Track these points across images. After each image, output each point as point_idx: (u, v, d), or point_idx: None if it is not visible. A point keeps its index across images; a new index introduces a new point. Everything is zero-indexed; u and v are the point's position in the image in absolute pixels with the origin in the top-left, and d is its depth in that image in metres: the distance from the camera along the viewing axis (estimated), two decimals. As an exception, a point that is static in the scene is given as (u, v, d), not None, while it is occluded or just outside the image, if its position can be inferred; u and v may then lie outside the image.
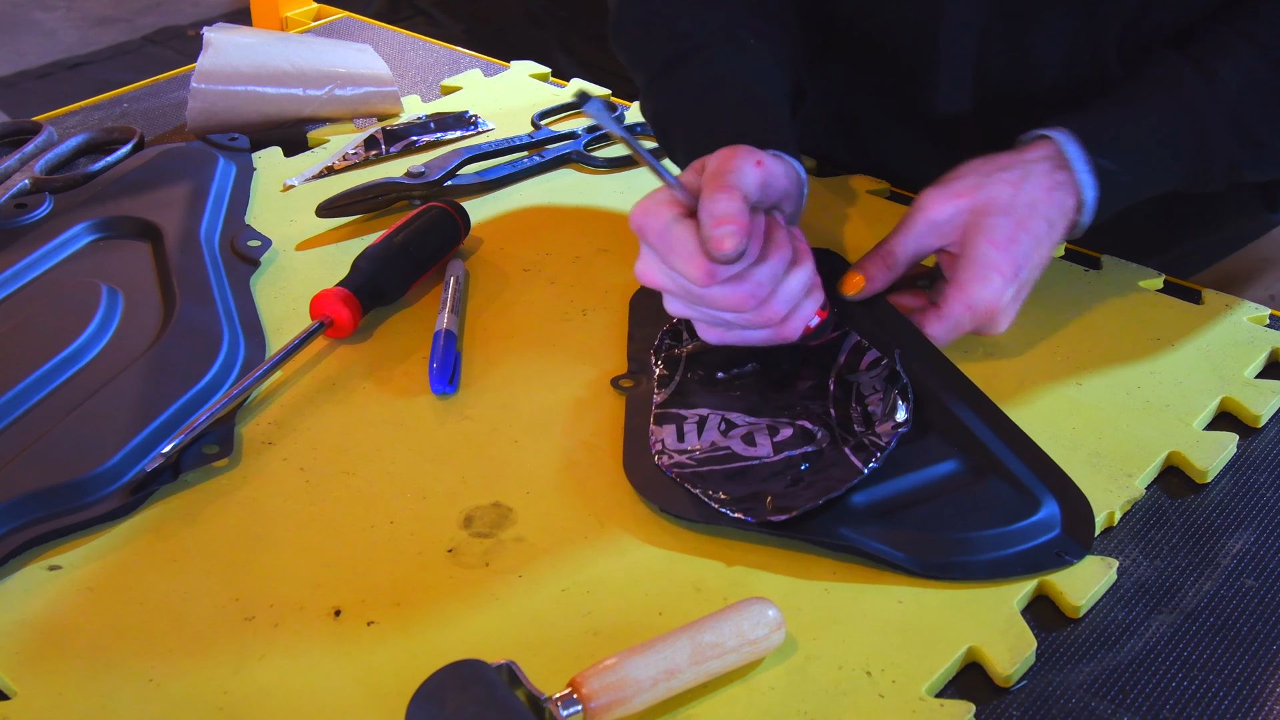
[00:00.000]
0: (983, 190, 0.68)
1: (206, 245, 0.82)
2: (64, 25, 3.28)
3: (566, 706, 0.50)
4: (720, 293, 0.62)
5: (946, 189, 0.69)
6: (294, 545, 0.61)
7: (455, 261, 0.82)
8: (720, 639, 0.52)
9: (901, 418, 0.63)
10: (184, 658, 0.55)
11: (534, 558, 0.60)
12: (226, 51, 0.98)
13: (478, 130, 0.99)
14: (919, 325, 0.69)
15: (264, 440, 0.68)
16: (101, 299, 0.75)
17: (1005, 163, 0.69)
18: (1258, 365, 0.73)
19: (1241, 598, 0.59)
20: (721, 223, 0.60)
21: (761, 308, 0.63)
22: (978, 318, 0.68)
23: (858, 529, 0.59)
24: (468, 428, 0.68)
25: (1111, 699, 0.54)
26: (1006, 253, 0.67)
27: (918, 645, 0.55)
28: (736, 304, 0.63)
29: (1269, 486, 0.65)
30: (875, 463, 0.61)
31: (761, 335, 0.66)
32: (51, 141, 0.96)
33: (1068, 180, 0.69)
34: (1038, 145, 0.70)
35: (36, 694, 0.53)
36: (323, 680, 0.54)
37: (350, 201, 0.87)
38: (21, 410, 0.67)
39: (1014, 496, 0.61)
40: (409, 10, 2.44)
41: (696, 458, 0.64)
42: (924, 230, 0.69)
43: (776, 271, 0.63)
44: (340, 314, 0.74)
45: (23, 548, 0.60)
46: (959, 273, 0.68)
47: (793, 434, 0.65)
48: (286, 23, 1.39)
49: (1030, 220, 0.67)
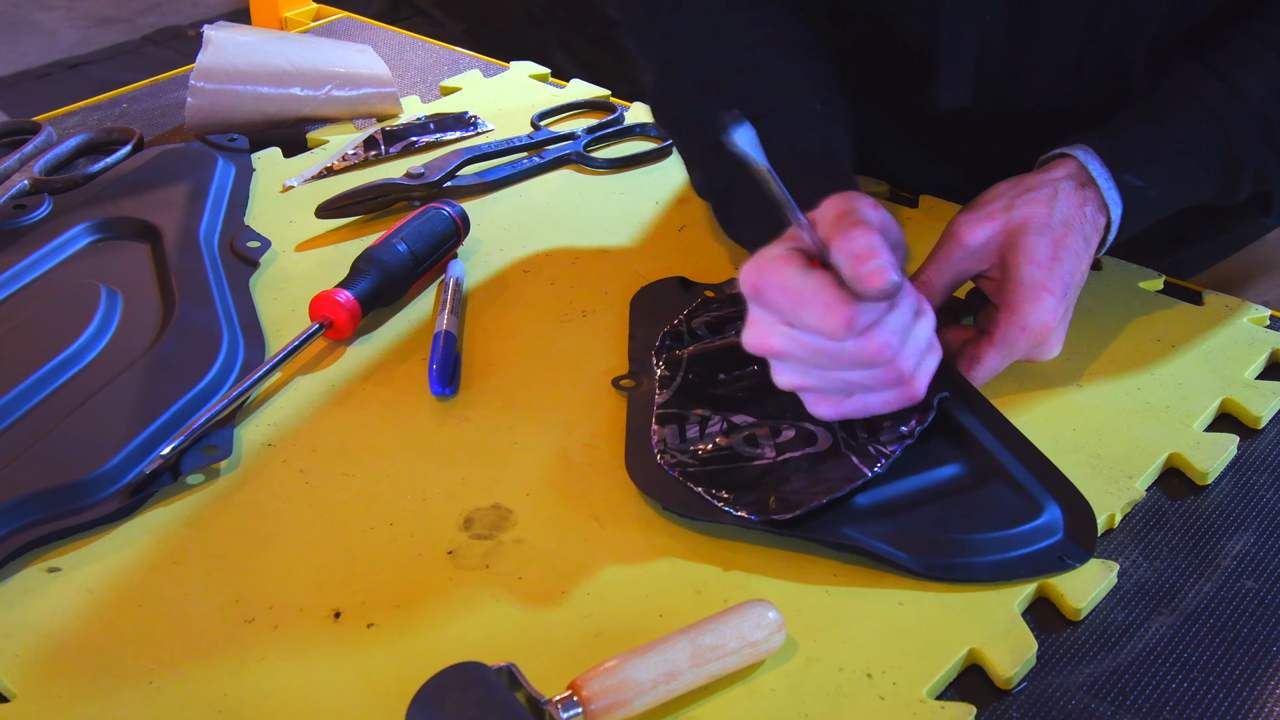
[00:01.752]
0: (1015, 210, 0.66)
1: (206, 246, 0.82)
2: (64, 25, 3.28)
3: (567, 709, 0.50)
4: (855, 346, 0.58)
5: (978, 213, 0.67)
6: (294, 547, 0.61)
7: (455, 262, 0.82)
8: (721, 641, 0.52)
9: (906, 430, 0.63)
10: (184, 660, 0.55)
11: (534, 560, 0.60)
12: (226, 50, 0.98)
13: (477, 131, 0.99)
14: (973, 357, 0.67)
15: (263, 442, 0.68)
16: (101, 300, 0.74)
17: (1033, 183, 0.68)
18: (1258, 366, 0.73)
19: (1242, 599, 0.59)
20: (867, 258, 0.57)
21: (896, 359, 0.60)
22: (1032, 340, 0.66)
23: (861, 529, 0.59)
24: (467, 429, 0.68)
25: (1112, 700, 0.54)
26: (1051, 271, 0.65)
27: (918, 647, 0.55)
28: (872, 356, 0.59)
29: (1269, 488, 0.65)
30: (880, 467, 0.61)
31: (884, 399, 0.62)
32: (51, 142, 0.96)
33: (1095, 197, 0.68)
34: (1060, 164, 0.69)
35: (36, 696, 0.53)
36: (323, 682, 0.54)
37: (350, 202, 0.87)
38: (21, 412, 0.67)
39: (1017, 500, 0.61)
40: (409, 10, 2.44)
41: (699, 458, 0.64)
42: (960, 257, 0.67)
43: (906, 321, 0.60)
44: (340, 315, 0.74)
45: (22, 550, 0.60)
46: (1008, 296, 0.66)
47: (795, 435, 0.65)
48: (286, 23, 1.39)
49: (1068, 237, 0.66)
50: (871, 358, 0.59)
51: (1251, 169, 0.72)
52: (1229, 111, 0.70)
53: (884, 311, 0.59)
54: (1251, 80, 0.70)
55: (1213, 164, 0.71)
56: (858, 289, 0.57)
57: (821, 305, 0.58)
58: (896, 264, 0.58)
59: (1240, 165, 0.71)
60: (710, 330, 0.73)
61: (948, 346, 0.69)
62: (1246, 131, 0.70)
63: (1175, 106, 0.71)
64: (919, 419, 0.63)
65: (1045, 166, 0.70)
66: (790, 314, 0.59)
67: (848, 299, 0.57)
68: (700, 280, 0.80)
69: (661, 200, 0.90)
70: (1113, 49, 0.78)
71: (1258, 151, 0.71)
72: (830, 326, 0.58)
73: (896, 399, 0.62)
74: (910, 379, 0.61)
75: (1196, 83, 0.71)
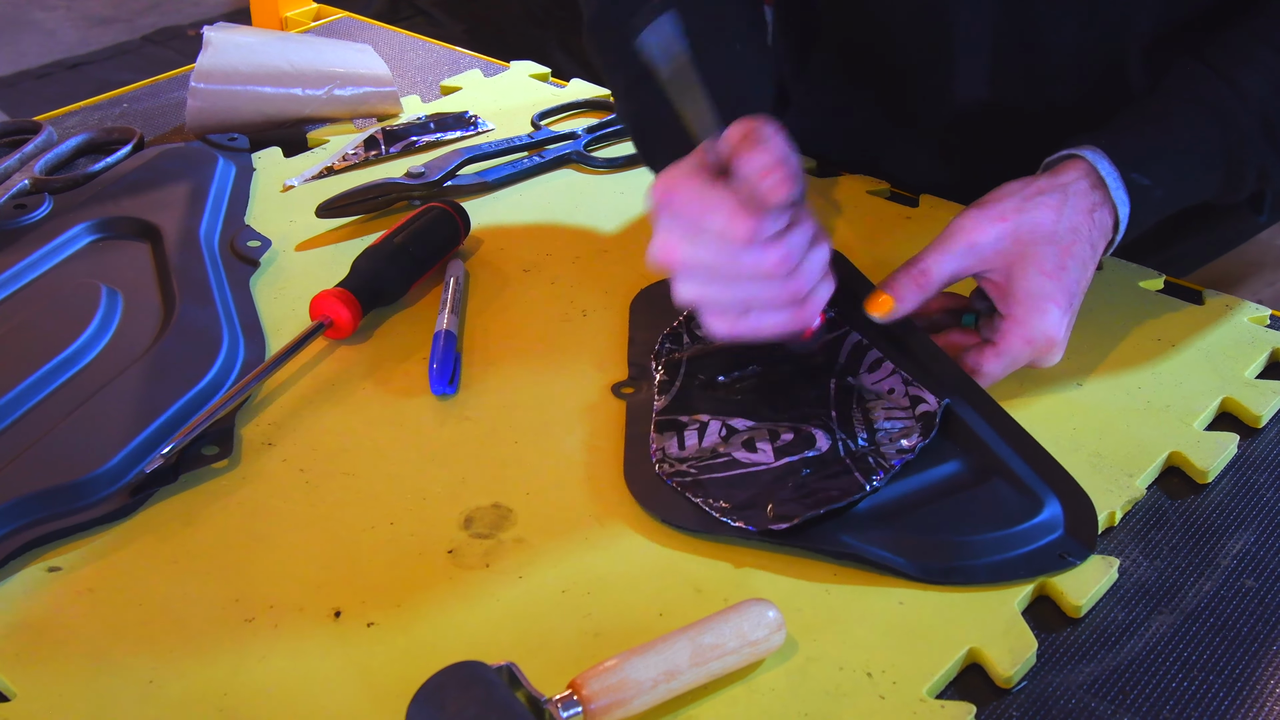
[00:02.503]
0: (1025, 215, 0.66)
1: (206, 246, 0.82)
2: (64, 25, 3.28)
3: (567, 708, 0.50)
4: (754, 257, 0.60)
5: (987, 211, 0.67)
6: (294, 546, 0.61)
7: (455, 262, 0.82)
8: (720, 640, 0.52)
9: (908, 445, 0.63)
10: (184, 659, 0.55)
11: (534, 559, 0.60)
12: (226, 51, 0.98)
13: (477, 130, 0.99)
14: (974, 364, 0.67)
15: (264, 441, 0.68)
16: (101, 300, 0.74)
17: (1043, 187, 0.67)
18: (1258, 365, 0.73)
19: (1242, 598, 0.59)
20: (770, 173, 0.59)
21: (789, 279, 0.62)
22: (1036, 351, 0.66)
23: (859, 535, 0.59)
24: (468, 428, 0.68)
25: (1112, 699, 0.54)
26: (1058, 282, 0.65)
27: (918, 646, 0.55)
28: (770, 268, 0.61)
29: (1269, 487, 0.65)
30: (879, 480, 0.61)
31: (778, 320, 0.63)
32: (51, 142, 0.96)
33: (1104, 200, 0.68)
34: (1069, 166, 0.69)
35: (36, 695, 0.53)
36: (323, 681, 0.54)
37: (350, 202, 0.87)
38: (21, 412, 0.67)
39: (1017, 498, 0.61)
40: (409, 10, 2.44)
41: (697, 465, 0.64)
42: (963, 252, 0.67)
43: (803, 242, 0.62)
44: (340, 314, 0.74)
45: (22, 549, 0.60)
46: (1013, 307, 0.66)
47: (793, 438, 0.65)
48: (286, 23, 1.39)
49: (1075, 246, 0.66)
50: (770, 269, 0.61)
51: (1254, 167, 0.72)
52: (1230, 110, 0.70)
53: (784, 230, 0.61)
54: (1252, 79, 0.70)
55: (1215, 163, 0.71)
56: (759, 198, 0.59)
57: (727, 213, 0.60)
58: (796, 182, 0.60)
59: (1242, 164, 0.71)
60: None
61: (950, 350, 0.69)
62: (1248, 130, 0.70)
63: (1176, 105, 0.71)
64: (921, 434, 0.63)
65: (1054, 169, 0.69)
66: (696, 222, 0.61)
67: (751, 210, 0.60)
68: (700, 280, 0.79)
69: (661, 200, 0.90)
70: (1109, 45, 0.78)
71: (1259, 150, 0.71)
72: (733, 234, 0.60)
73: (790, 320, 0.63)
74: (804, 300, 0.63)
75: (1196, 81, 0.71)
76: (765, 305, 0.63)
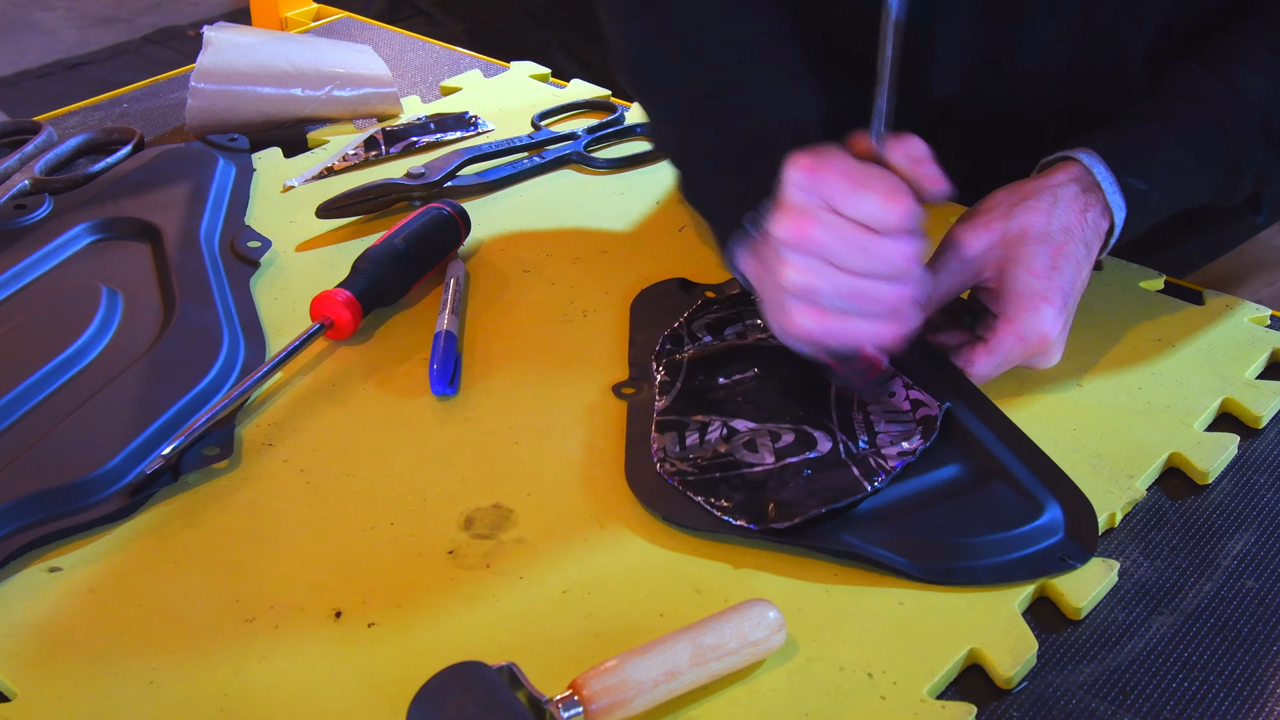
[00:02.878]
0: (1013, 219, 0.66)
1: (206, 246, 0.82)
2: (64, 25, 3.28)
3: (567, 708, 0.50)
4: (889, 246, 0.59)
5: (975, 221, 0.67)
6: (294, 547, 0.61)
7: (455, 262, 0.82)
8: (721, 640, 0.52)
9: (910, 447, 0.63)
10: (184, 659, 0.55)
11: (535, 559, 0.60)
12: (226, 51, 0.98)
13: (478, 131, 0.99)
14: (965, 361, 0.67)
15: (264, 442, 0.68)
16: (101, 300, 0.74)
17: (1032, 190, 0.67)
18: (1258, 366, 0.73)
19: (1242, 599, 0.59)
20: (925, 162, 0.59)
21: (905, 282, 0.61)
22: (1029, 349, 0.66)
23: (860, 535, 0.59)
24: (468, 429, 0.68)
25: (1112, 700, 0.54)
26: (1051, 281, 0.65)
27: (919, 647, 0.55)
28: (899, 260, 0.60)
29: (1270, 487, 0.65)
30: (880, 481, 0.61)
31: (872, 330, 0.62)
32: (51, 142, 0.96)
33: (1098, 202, 0.68)
34: (1062, 168, 0.69)
35: (37, 696, 0.53)
36: (323, 682, 0.54)
37: (350, 202, 0.87)
38: (21, 412, 0.67)
39: (1017, 500, 0.61)
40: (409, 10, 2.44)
41: (699, 465, 0.64)
42: (956, 268, 0.67)
43: (925, 249, 0.61)
44: (340, 315, 0.74)
45: (23, 550, 0.60)
46: (1006, 305, 0.66)
47: (794, 440, 0.65)
48: (286, 23, 1.39)
49: (1067, 245, 0.66)
50: (902, 262, 0.60)
51: (1252, 170, 0.72)
52: (1229, 112, 0.70)
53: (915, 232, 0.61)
54: (1251, 80, 0.70)
55: (1214, 165, 0.71)
56: (917, 186, 0.59)
57: (885, 189, 0.59)
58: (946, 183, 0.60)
59: (1241, 166, 0.71)
60: (710, 333, 0.73)
61: (945, 348, 0.69)
62: (1247, 132, 0.70)
63: (1175, 108, 0.71)
64: (923, 437, 0.63)
65: (1046, 171, 0.70)
66: (845, 197, 0.59)
67: (908, 192, 0.59)
68: (701, 281, 0.80)
69: (662, 200, 0.90)
70: (1108, 49, 0.78)
71: (1258, 152, 0.71)
72: (888, 212, 0.59)
73: (884, 332, 0.62)
74: (902, 315, 0.62)
75: (1196, 83, 0.71)
76: (870, 307, 0.61)
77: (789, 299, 0.62)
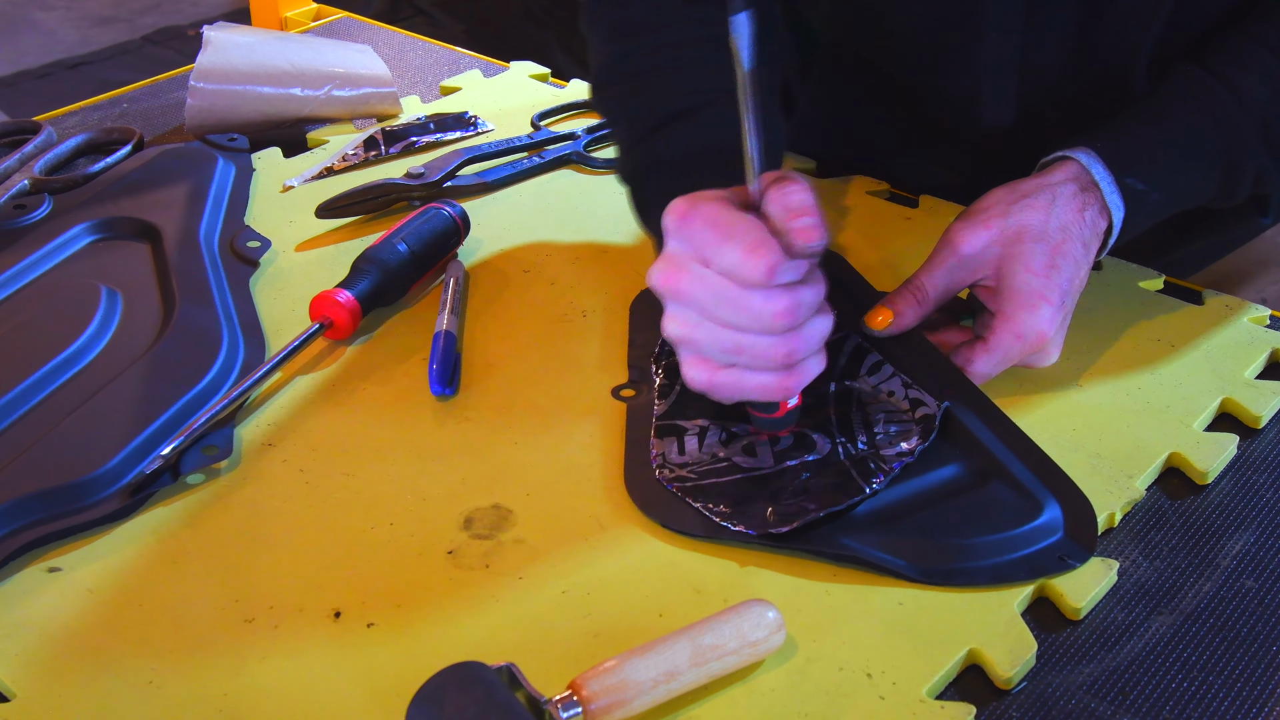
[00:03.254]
0: (1011, 218, 0.66)
1: (206, 246, 0.82)
2: (64, 25, 3.28)
3: (567, 708, 0.50)
4: (762, 300, 0.57)
5: (973, 220, 0.67)
6: (294, 547, 0.61)
7: (455, 263, 0.82)
8: (720, 641, 0.52)
9: (907, 447, 0.63)
10: (184, 659, 0.55)
11: (534, 559, 0.60)
12: (226, 50, 0.98)
13: (477, 131, 0.99)
14: (964, 360, 0.67)
15: (264, 442, 0.68)
16: (101, 300, 0.75)
17: (1030, 189, 0.67)
18: (1258, 366, 0.73)
19: (1241, 599, 0.59)
20: (802, 214, 0.56)
21: (787, 337, 0.58)
22: (1027, 348, 0.66)
23: (859, 538, 0.59)
24: (468, 429, 0.68)
25: (1112, 700, 0.54)
26: (1049, 279, 0.65)
27: (918, 647, 0.55)
28: (772, 317, 0.57)
29: (1269, 487, 0.65)
30: (878, 484, 0.61)
31: (760, 382, 0.60)
32: (51, 142, 0.96)
33: (1096, 201, 0.68)
34: (1060, 167, 0.69)
35: (36, 696, 0.53)
36: (323, 682, 0.54)
37: (350, 202, 0.87)
38: (21, 412, 0.67)
39: (1016, 500, 0.61)
40: (409, 10, 2.44)
41: (697, 470, 0.64)
42: (954, 266, 0.67)
43: (814, 302, 0.59)
44: (340, 315, 0.74)
45: (23, 550, 0.60)
46: (1004, 304, 0.65)
47: (793, 442, 0.64)
48: (286, 23, 1.39)
49: (1065, 244, 0.66)
50: (771, 319, 0.57)
51: (1251, 171, 0.72)
52: (1228, 114, 0.70)
53: (799, 282, 0.58)
54: (1250, 82, 0.70)
55: (1212, 167, 0.71)
56: (788, 240, 0.56)
57: (749, 243, 0.56)
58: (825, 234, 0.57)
59: (1240, 168, 0.71)
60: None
61: (944, 347, 0.69)
62: (1246, 134, 0.70)
63: (1175, 109, 0.71)
64: (921, 437, 0.63)
65: (1044, 170, 0.70)
66: (712, 249, 0.57)
67: (775, 246, 0.56)
68: (700, 280, 0.79)
69: (661, 200, 0.90)
70: (1114, 55, 0.78)
71: (1257, 154, 0.71)
72: (750, 267, 0.56)
73: (771, 386, 0.60)
74: (794, 368, 0.60)
75: (1195, 85, 0.71)
76: (753, 360, 0.59)
77: (678, 348, 0.62)
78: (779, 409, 0.63)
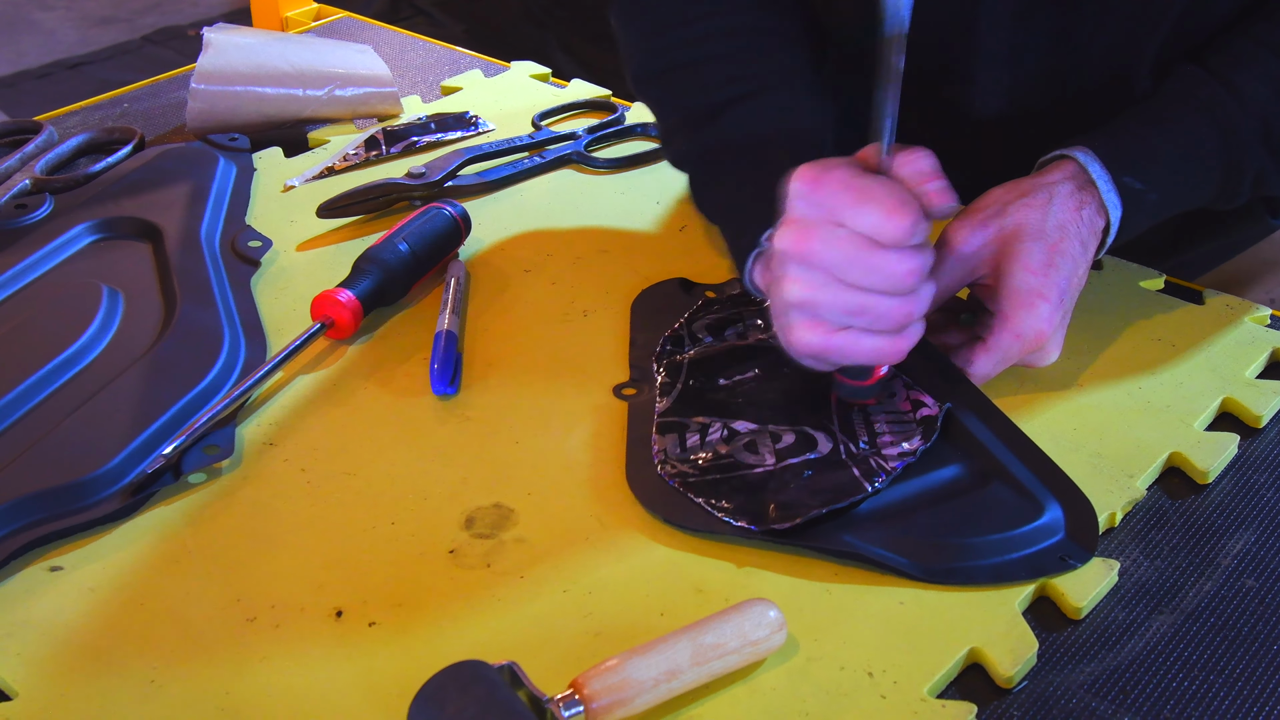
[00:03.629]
0: (1008, 217, 0.66)
1: (207, 246, 0.82)
2: (64, 25, 3.28)
3: (568, 707, 0.50)
4: (891, 261, 0.58)
5: (971, 219, 0.67)
6: (295, 546, 0.61)
7: (456, 262, 0.82)
8: (722, 640, 0.52)
9: (910, 447, 0.63)
10: (185, 659, 0.55)
11: (535, 559, 0.60)
12: (226, 52, 0.98)
13: (478, 131, 0.99)
14: (964, 361, 0.67)
15: (265, 441, 0.68)
16: (102, 300, 0.75)
17: (1027, 188, 0.67)
18: (1259, 366, 0.73)
19: (1242, 598, 0.59)
20: (932, 177, 0.58)
21: (908, 298, 0.60)
22: (1027, 347, 0.66)
23: (861, 535, 0.59)
24: (469, 429, 0.68)
25: (1112, 699, 0.54)
26: (1047, 278, 0.65)
27: (919, 646, 0.55)
28: (903, 276, 0.59)
29: (1270, 487, 0.65)
30: (880, 482, 0.61)
31: (873, 345, 0.61)
32: (52, 141, 0.96)
33: (1093, 200, 0.68)
34: (1058, 166, 0.69)
35: (38, 695, 0.53)
36: (324, 681, 0.54)
37: (351, 202, 0.87)
38: (22, 412, 0.67)
39: (1017, 501, 0.61)
40: (409, 10, 2.44)
41: (699, 467, 0.64)
42: (951, 265, 0.67)
43: (930, 265, 0.61)
44: (341, 315, 0.74)
45: (24, 549, 0.60)
46: (1002, 303, 0.65)
47: (794, 441, 0.65)
48: (286, 23, 1.39)
49: (1063, 243, 0.66)
50: (904, 277, 0.59)
51: (1251, 173, 0.71)
52: (1228, 115, 0.70)
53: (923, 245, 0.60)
54: (1251, 83, 0.70)
55: (1212, 167, 0.71)
56: (925, 201, 0.58)
57: (890, 203, 0.58)
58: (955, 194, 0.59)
59: (1239, 169, 0.71)
60: (711, 333, 0.73)
61: (944, 348, 0.69)
62: (1246, 135, 0.70)
63: (1175, 109, 0.71)
64: (923, 438, 0.63)
65: (1042, 169, 0.70)
66: (849, 210, 0.59)
67: (915, 206, 0.58)
68: (701, 281, 0.80)
69: (662, 200, 0.90)
70: (1116, 55, 0.78)
71: (1257, 155, 0.71)
72: (892, 225, 0.58)
73: (885, 349, 0.61)
74: (905, 331, 0.61)
75: (1196, 86, 0.71)
76: (875, 321, 0.60)
77: (792, 312, 0.62)
78: (871, 376, 0.64)
